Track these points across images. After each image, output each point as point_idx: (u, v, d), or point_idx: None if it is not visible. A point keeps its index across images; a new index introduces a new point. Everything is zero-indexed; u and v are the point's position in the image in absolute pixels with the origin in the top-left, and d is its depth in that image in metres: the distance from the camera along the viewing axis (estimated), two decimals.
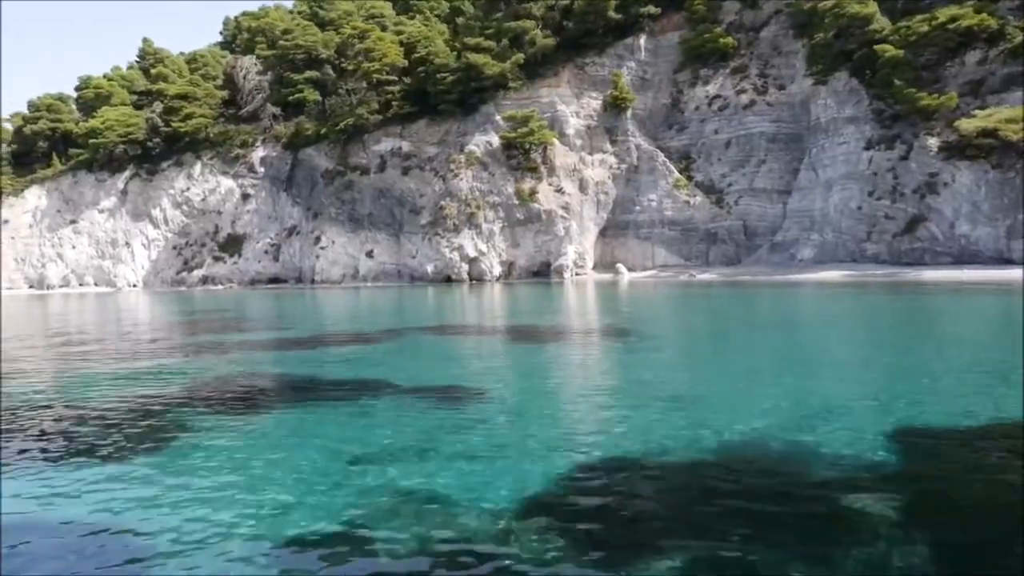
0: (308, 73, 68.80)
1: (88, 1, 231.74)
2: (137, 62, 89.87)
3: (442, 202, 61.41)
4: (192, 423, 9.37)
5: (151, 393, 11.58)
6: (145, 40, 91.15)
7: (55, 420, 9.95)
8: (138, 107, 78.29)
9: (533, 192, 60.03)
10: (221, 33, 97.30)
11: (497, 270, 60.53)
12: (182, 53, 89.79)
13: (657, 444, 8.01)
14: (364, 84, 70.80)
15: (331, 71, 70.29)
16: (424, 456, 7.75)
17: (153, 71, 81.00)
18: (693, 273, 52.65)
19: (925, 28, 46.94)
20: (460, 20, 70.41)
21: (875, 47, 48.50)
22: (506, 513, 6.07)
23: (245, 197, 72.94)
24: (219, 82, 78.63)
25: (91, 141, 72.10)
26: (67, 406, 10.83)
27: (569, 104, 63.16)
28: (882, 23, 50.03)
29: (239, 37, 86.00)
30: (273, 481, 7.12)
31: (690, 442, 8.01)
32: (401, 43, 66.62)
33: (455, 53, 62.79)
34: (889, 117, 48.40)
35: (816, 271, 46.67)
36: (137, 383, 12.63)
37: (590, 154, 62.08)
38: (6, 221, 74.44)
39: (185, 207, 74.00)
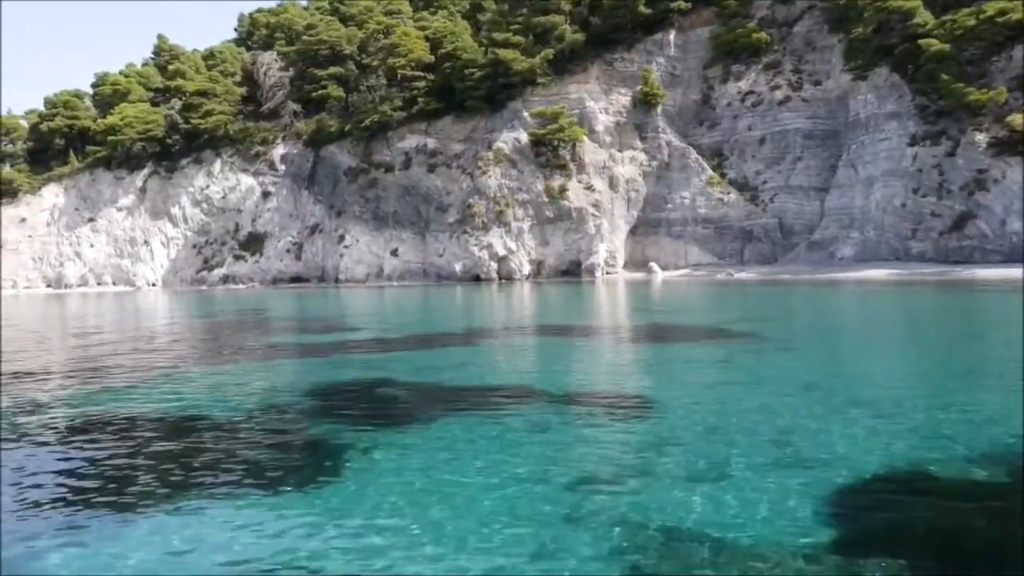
0: (332, 69, 67.77)
1: (91, 1, 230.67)
2: (152, 59, 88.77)
3: (470, 200, 60.42)
4: (344, 440, 8.33)
5: (279, 403, 10.59)
6: (160, 37, 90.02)
7: (177, 437, 8.95)
8: (155, 104, 77.21)
9: (563, 190, 59.05)
10: (236, 30, 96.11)
11: (526, 269, 59.55)
12: (196, 50, 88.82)
13: (909, 456, 7.07)
14: (388, 80, 70.02)
15: (354, 67, 69.26)
16: (644, 477, 6.77)
17: (170, 67, 79.90)
18: (731, 272, 51.68)
19: (972, 22, 45.94)
20: (484, 16, 69.51)
21: (919, 41, 47.44)
22: (799, 544, 5.10)
23: (266, 195, 71.93)
24: (237, 79, 77.68)
25: (110, 138, 71.10)
26: (188, 419, 9.81)
27: (598, 101, 62.16)
28: (925, 17, 49.00)
29: (256, 34, 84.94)
30: (488, 513, 5.95)
31: (942, 453, 7.07)
32: (426, 38, 65.56)
33: (483, 49, 61.64)
34: (933, 113, 47.41)
35: (858, 270, 45.67)
36: (257, 391, 11.64)
37: (620, 151, 61.09)
38: (23, 219, 73.43)
39: (205, 205, 73.01)
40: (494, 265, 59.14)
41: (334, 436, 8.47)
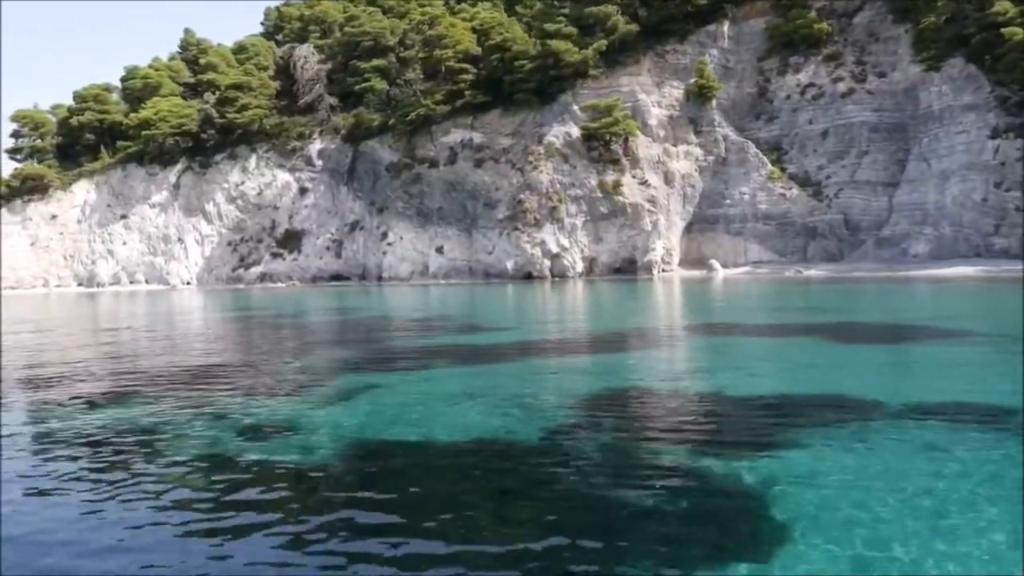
0: (375, 61, 65.98)
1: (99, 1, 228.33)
2: (179, 53, 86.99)
3: (521, 195, 58.73)
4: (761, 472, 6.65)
5: (613, 423, 8.88)
6: (187, 31, 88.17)
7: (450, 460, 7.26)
8: (186, 99, 75.43)
9: (617, 185, 57.36)
10: (262, 24, 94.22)
11: (579, 266, 57.88)
12: (221, 44, 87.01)
13: None
14: (427, 73, 68.37)
15: (395, 59, 67.56)
16: None
17: (201, 61, 78.16)
18: (799, 269, 49.99)
19: None
20: (524, 8, 67.72)
21: (1002, 31, 45.78)
22: None
23: (303, 191, 70.20)
24: (270, 72, 75.96)
25: (143, 133, 69.31)
26: (488, 444, 8.12)
27: (650, 94, 60.49)
28: (1004, 5, 47.33)
29: (287, 27, 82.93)
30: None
31: None
32: (473, 29, 63.81)
33: (533, 40, 59.90)
34: (1016, 104, 45.78)
35: (937, 267, 43.98)
36: (543, 402, 9.91)
37: (674, 145, 59.42)
38: (53, 216, 71.62)
39: (240, 202, 71.26)
40: (547, 262, 57.46)
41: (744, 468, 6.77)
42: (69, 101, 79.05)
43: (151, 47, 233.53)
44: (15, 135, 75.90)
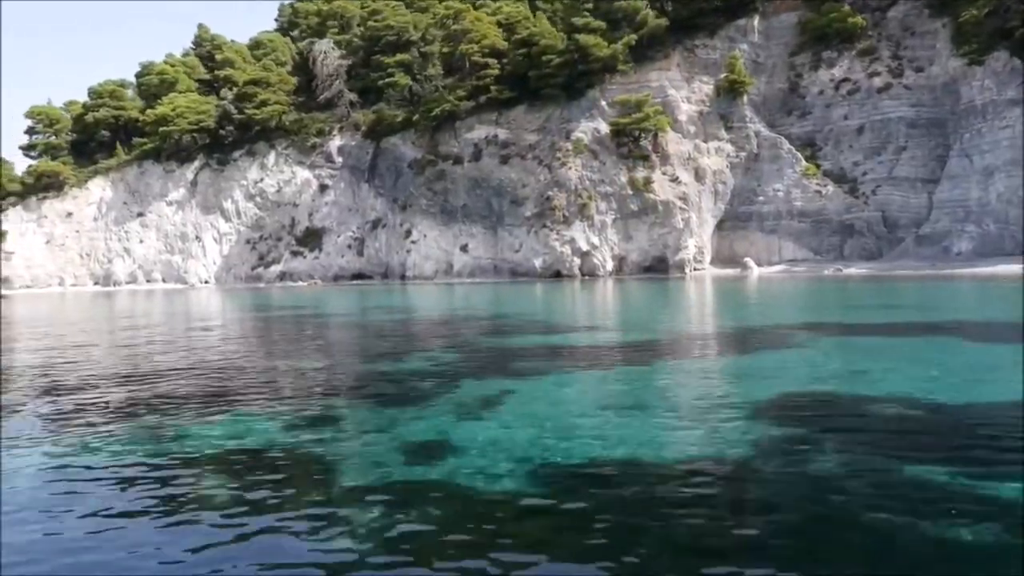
0: (399, 56, 64.91)
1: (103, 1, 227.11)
2: (192, 49, 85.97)
3: (549, 192, 57.66)
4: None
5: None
6: (200, 27, 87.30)
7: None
8: (202, 95, 74.36)
9: (647, 182, 56.32)
10: (276, 20, 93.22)
11: (609, 265, 56.85)
12: (233, 41, 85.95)
13: None
14: (448, 68, 67.43)
15: (418, 54, 66.52)
16: None
17: (217, 56, 77.11)
18: (839, 268, 48.92)
19: None
20: (550, 2, 66.72)
21: None
22: None
23: (323, 188, 69.17)
24: (288, 68, 74.90)
25: (161, 129, 68.21)
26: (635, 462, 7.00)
27: (680, 89, 59.47)
28: None
29: (304, 22, 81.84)
30: None
31: None
32: (498, 24, 62.75)
33: (561, 34, 58.84)
34: None
35: (982, 265, 42.91)
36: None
37: (704, 142, 58.37)
38: (69, 214, 70.49)
39: (259, 199, 70.21)
40: (576, 261, 56.42)
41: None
42: (70, 101, 77.97)
43: (151, 47, 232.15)
44: (30, 131, 74.82)
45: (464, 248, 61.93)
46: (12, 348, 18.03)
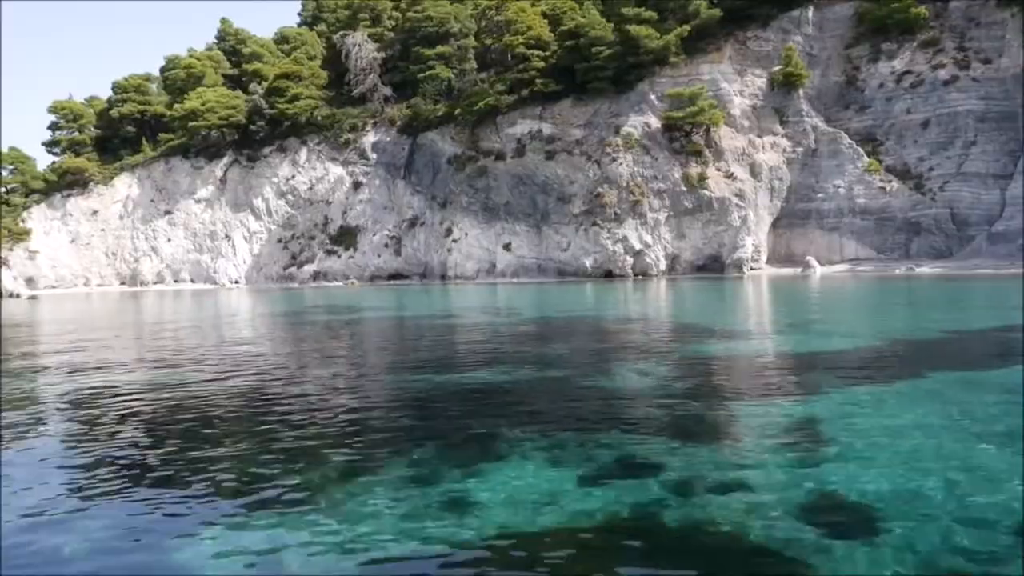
0: (440, 48, 62.77)
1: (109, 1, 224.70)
2: (216, 43, 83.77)
3: (599, 189, 55.58)
4: None
5: None
6: (223, 20, 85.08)
7: None
8: (231, 89, 72.18)
9: (702, 178, 54.28)
10: (299, 15, 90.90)
11: (663, 264, 54.81)
12: (253, 36, 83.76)
13: None
14: (484, 62, 65.39)
15: (456, 46, 64.41)
16: None
17: (244, 51, 74.97)
18: (911, 267, 46.88)
19: None
20: None
21: None
22: None
23: (356, 186, 67.03)
24: (317, 62, 72.73)
25: (190, 124, 66.00)
26: None
27: (732, 82, 57.45)
28: None
29: (329, 16, 79.51)
30: None
31: None
32: (543, 14, 60.65)
33: (611, 25, 56.75)
34: None
35: None
36: None
37: (759, 136, 56.36)
38: (94, 212, 68.29)
39: (290, 196, 68.06)
40: (630, 260, 54.38)
41: None
42: (91, 97, 75.87)
43: (151, 47, 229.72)
44: (52, 127, 72.61)
45: (507, 247, 59.83)
46: (42, 357, 15.93)
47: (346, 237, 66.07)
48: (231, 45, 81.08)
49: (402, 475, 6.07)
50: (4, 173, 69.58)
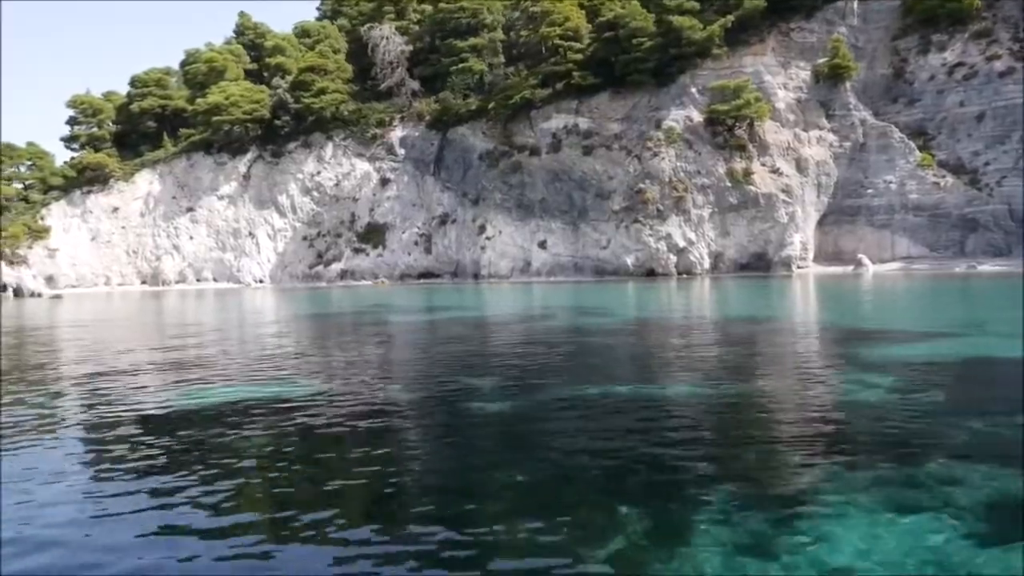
0: (473, 40, 61.02)
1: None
2: (235, 38, 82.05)
3: (640, 185, 53.87)
4: None
5: None
6: (242, 14, 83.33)
7: None
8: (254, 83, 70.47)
9: (747, 173, 52.59)
10: (318, 8, 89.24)
11: (706, 262, 53.11)
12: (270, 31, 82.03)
13: None
14: (512, 56, 63.77)
15: (487, 39, 62.70)
16: None
17: (267, 44, 73.24)
18: (973, 264, 45.18)
19: None
20: None
21: None
22: None
23: (384, 182, 65.30)
24: (341, 56, 71.00)
25: (214, 119, 64.25)
26: None
27: (775, 75, 55.75)
28: None
29: (350, 9, 77.68)
30: None
31: None
32: (580, 5, 58.91)
33: (652, 16, 55.04)
34: None
35: None
36: None
37: (804, 131, 54.64)
38: (115, 209, 66.57)
39: (315, 193, 66.34)
40: (673, 258, 52.67)
41: None
42: (108, 91, 74.12)
43: (150, 47, 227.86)
44: (71, 122, 70.88)
45: (542, 245, 58.13)
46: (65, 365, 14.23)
47: (374, 235, 64.35)
48: (250, 39, 79.41)
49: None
50: (21, 169, 67.84)
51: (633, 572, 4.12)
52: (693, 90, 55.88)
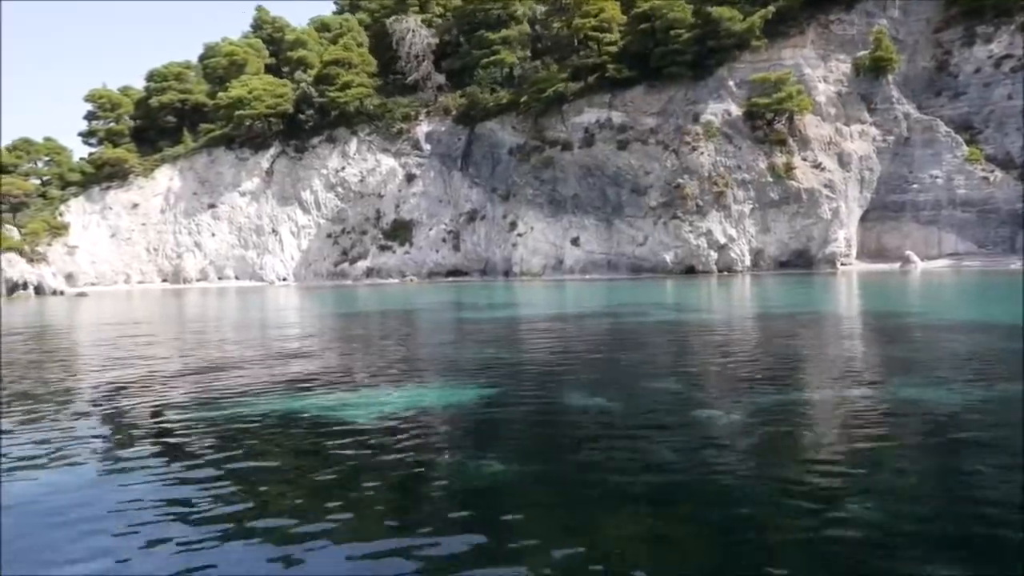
0: (504, 32, 59.67)
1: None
2: (252, 32, 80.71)
3: (679, 180, 52.55)
4: None
5: None
6: (260, 8, 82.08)
7: None
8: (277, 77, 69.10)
9: (789, 168, 51.26)
10: (336, 2, 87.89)
11: (747, 259, 51.80)
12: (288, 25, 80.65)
13: None
14: (538, 49, 62.50)
15: (516, 31, 61.36)
16: None
17: (287, 38, 71.90)
18: None
19: None
20: None
21: None
22: None
23: (410, 178, 63.94)
24: (363, 49, 69.62)
25: (236, 113, 62.88)
26: None
27: (815, 68, 54.41)
28: None
29: (374, 3, 76.26)
30: None
31: None
32: None
33: (689, 7, 53.72)
34: None
35: None
36: None
37: (846, 125, 53.33)
38: (135, 205, 65.19)
39: (340, 189, 64.98)
40: (714, 255, 51.36)
41: None
42: (125, 86, 72.72)
43: (150, 47, 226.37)
44: (89, 117, 69.50)
45: (575, 241, 56.80)
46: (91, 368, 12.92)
47: (400, 232, 63.01)
48: (268, 34, 78.14)
49: None
50: (39, 164, 66.49)
51: None
52: (731, 83, 54.55)
